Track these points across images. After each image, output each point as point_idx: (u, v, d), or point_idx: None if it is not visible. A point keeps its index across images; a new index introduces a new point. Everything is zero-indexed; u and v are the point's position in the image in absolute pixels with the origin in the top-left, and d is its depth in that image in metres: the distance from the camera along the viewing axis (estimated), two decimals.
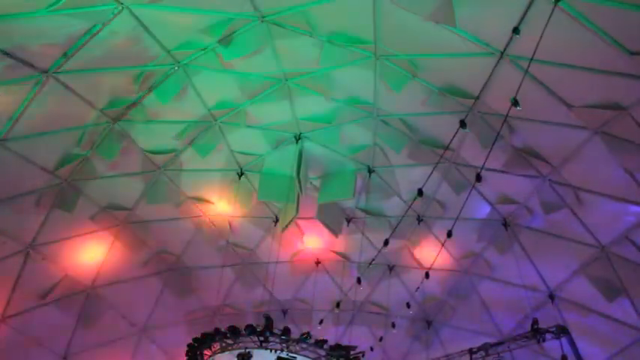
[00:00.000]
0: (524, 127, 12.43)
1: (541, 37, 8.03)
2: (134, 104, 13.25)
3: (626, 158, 11.42)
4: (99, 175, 14.51)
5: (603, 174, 12.30)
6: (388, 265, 18.30)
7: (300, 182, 14.81)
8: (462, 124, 9.34)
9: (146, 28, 11.24)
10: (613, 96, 10.46)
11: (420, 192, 11.19)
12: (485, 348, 14.43)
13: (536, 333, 13.56)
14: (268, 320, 13.91)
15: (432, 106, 12.98)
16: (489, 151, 10.39)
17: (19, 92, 11.25)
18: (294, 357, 13.59)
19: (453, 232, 10.89)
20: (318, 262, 18.90)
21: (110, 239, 16.25)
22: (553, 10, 8.04)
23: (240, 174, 16.23)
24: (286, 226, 16.05)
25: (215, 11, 11.33)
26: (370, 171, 15.94)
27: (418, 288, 14.61)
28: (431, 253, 16.14)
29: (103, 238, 16.11)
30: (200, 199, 16.71)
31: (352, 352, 14.44)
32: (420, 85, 12.58)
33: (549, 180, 13.41)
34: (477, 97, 11.30)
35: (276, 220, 17.37)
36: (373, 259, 14.26)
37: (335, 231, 17.22)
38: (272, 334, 13.58)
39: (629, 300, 14.02)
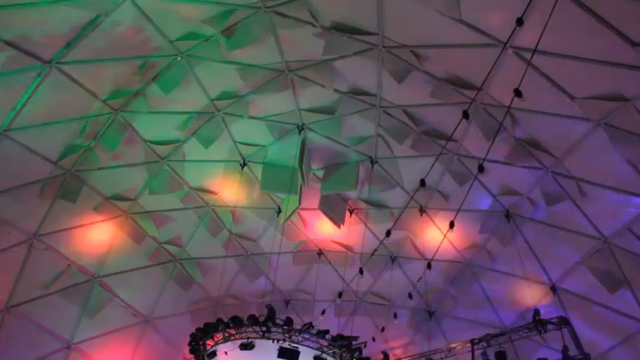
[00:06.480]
0: (527, 118, 12.39)
1: (544, 28, 7.98)
2: (137, 95, 13.28)
3: (629, 150, 11.36)
4: (102, 165, 14.56)
5: (606, 166, 12.25)
6: (390, 256, 18.33)
7: (302, 173, 14.84)
8: (465, 115, 9.28)
9: (149, 19, 11.24)
10: (616, 87, 10.40)
11: (423, 183, 11.17)
12: (486, 339, 14.45)
13: (538, 324, 13.56)
14: (271, 311, 13.99)
15: (435, 97, 12.93)
16: (492, 143, 10.36)
17: (22, 83, 11.26)
18: (297, 347, 13.66)
19: (456, 224, 10.84)
20: (320, 253, 18.95)
21: (113, 230, 16.30)
22: (557, 0, 7.99)
23: (243, 165, 16.26)
24: (289, 217, 16.13)
25: (217, 2, 11.31)
26: (373, 162, 15.92)
27: (420, 279, 14.62)
28: (433, 244, 16.13)
29: (107, 228, 16.16)
30: (203, 190, 16.75)
31: (354, 343, 14.50)
32: (423, 76, 12.52)
33: (552, 171, 13.37)
34: (480, 88, 11.25)
35: (279, 211, 17.40)
36: (375, 250, 14.25)
37: (337, 222, 17.24)
38: (274, 324, 13.66)
39: (630, 292, 14.02)
